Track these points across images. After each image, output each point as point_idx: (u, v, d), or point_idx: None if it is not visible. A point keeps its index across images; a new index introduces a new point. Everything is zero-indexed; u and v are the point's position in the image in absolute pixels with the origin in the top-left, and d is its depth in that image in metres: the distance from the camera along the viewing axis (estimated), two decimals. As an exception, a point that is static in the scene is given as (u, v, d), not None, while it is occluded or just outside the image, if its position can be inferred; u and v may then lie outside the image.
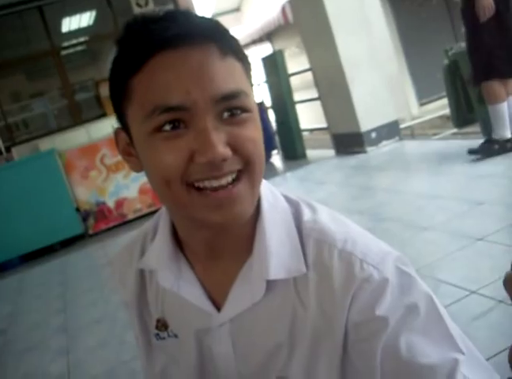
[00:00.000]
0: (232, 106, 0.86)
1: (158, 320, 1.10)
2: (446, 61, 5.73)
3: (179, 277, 1.04)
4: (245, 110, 0.88)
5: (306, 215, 1.01)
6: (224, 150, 0.84)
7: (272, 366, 1.00)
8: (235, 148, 0.86)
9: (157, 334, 1.10)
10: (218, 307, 1.02)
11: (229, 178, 0.87)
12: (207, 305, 1.02)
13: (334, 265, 0.93)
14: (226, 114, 0.86)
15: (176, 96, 0.84)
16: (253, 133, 0.89)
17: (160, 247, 1.05)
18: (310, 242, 0.97)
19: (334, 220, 1.01)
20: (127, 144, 0.98)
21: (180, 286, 1.03)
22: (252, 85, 0.94)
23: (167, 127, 0.85)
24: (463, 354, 0.88)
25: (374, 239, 0.99)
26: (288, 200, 1.05)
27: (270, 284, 0.96)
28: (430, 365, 0.87)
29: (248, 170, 0.89)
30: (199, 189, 0.87)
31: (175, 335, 1.08)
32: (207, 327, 1.04)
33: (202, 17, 0.91)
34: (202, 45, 0.85)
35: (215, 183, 0.87)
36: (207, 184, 0.87)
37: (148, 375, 1.16)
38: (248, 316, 1.00)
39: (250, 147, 0.88)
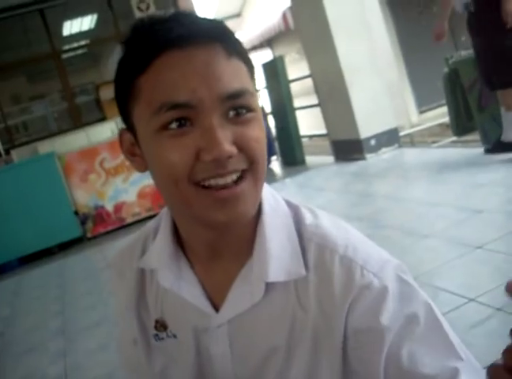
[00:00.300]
0: (238, 105, 0.88)
1: (157, 321, 1.10)
2: (446, 70, 5.74)
3: (179, 277, 1.04)
4: (250, 109, 0.89)
5: (308, 219, 1.02)
6: (229, 148, 0.85)
7: (269, 369, 1.01)
8: (241, 146, 0.88)
9: (156, 335, 1.10)
10: (217, 308, 1.03)
11: (234, 177, 0.88)
12: (206, 306, 1.03)
13: (335, 270, 0.94)
14: (231, 113, 0.88)
15: (183, 94, 0.85)
16: (257, 132, 0.90)
17: (161, 247, 1.06)
18: (312, 246, 0.98)
19: (335, 226, 1.02)
20: (131, 145, 0.99)
21: (180, 285, 1.04)
22: (255, 87, 0.95)
23: (174, 125, 0.87)
24: (462, 360, 0.89)
25: (374, 246, 1.00)
26: (289, 204, 1.06)
27: (270, 286, 0.97)
28: (431, 376, 0.87)
29: (252, 169, 0.90)
30: (205, 187, 0.88)
31: (174, 336, 1.08)
32: (205, 327, 1.04)
33: (208, 19, 0.92)
34: (207, 45, 0.87)
35: (220, 181, 0.88)
36: (212, 182, 0.88)
37: (147, 376, 1.15)
38: (247, 317, 1.00)
39: (254, 146, 0.89)
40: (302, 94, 9.08)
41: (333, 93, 7.06)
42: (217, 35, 0.89)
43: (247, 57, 0.94)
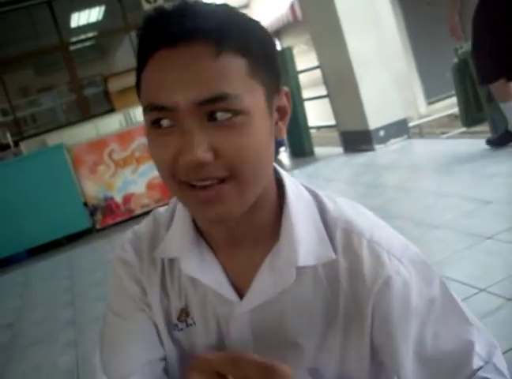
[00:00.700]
0: (219, 109, 0.84)
1: (181, 310, 1.08)
2: (455, 60, 5.72)
3: (202, 264, 1.03)
4: (236, 112, 0.85)
5: (330, 205, 1.03)
6: (202, 155, 0.84)
7: (295, 357, 1.00)
8: (218, 154, 0.85)
9: (176, 325, 1.09)
10: (240, 294, 1.02)
11: (209, 182, 0.87)
12: (230, 293, 1.02)
13: (364, 254, 0.96)
14: (214, 117, 0.85)
15: (162, 97, 0.86)
16: (241, 139, 0.86)
17: (181, 234, 1.05)
18: (338, 230, 0.99)
19: (354, 211, 1.04)
20: None
21: (203, 273, 1.03)
22: (266, 82, 0.90)
23: (160, 123, 0.87)
24: (472, 325, 0.97)
25: (392, 230, 1.03)
26: (309, 191, 1.07)
27: (299, 271, 0.97)
28: (451, 351, 0.94)
29: (234, 177, 0.87)
30: (190, 185, 0.88)
31: (195, 323, 1.07)
32: (228, 314, 1.03)
33: (212, 11, 0.88)
34: (194, 43, 0.84)
35: (199, 183, 0.87)
36: (193, 182, 0.88)
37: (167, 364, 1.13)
38: (273, 304, 1.00)
39: (233, 155, 0.85)
40: (310, 85, 9.06)
41: (342, 84, 7.04)
42: (211, 30, 0.84)
43: (253, 50, 0.88)
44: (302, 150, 7.96)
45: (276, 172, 1.05)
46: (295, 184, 1.05)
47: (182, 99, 0.84)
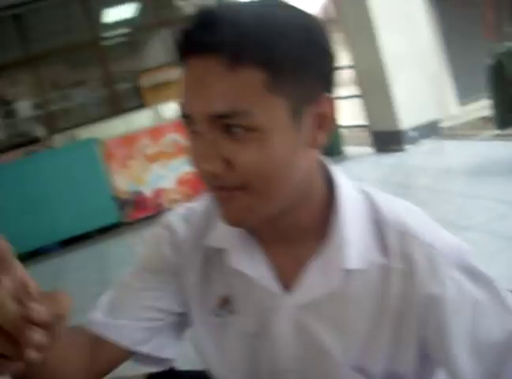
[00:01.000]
0: (233, 124, 0.84)
1: (222, 298, 1.08)
2: (489, 61, 5.66)
3: (249, 257, 1.03)
4: (248, 129, 0.84)
5: (384, 206, 1.01)
6: (214, 166, 0.86)
7: (338, 355, 1.00)
8: (232, 166, 0.86)
9: (214, 310, 1.09)
10: (286, 289, 1.02)
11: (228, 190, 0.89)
12: (275, 288, 1.02)
13: (418, 258, 0.95)
14: (229, 130, 0.85)
15: (184, 105, 0.88)
16: (255, 154, 0.85)
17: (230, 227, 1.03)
18: (392, 233, 0.97)
19: (408, 211, 1.02)
20: None
21: (249, 266, 1.03)
22: (294, 94, 0.87)
23: (192, 128, 0.90)
24: None
25: (444, 231, 1.01)
26: (360, 189, 1.05)
27: (348, 274, 0.96)
28: (498, 342, 0.93)
29: (245, 188, 0.88)
30: None
31: (236, 312, 1.07)
32: (271, 308, 1.03)
33: (238, 19, 0.84)
34: (210, 56, 0.83)
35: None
36: None
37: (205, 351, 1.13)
38: (319, 304, 0.99)
39: (247, 169, 0.86)
40: (339, 85, 9.03)
41: (374, 84, 7.01)
42: (224, 44, 0.82)
43: (278, 61, 0.84)
44: (331, 149, 7.92)
45: (327, 170, 1.05)
46: (347, 183, 1.04)
47: (197, 111, 0.86)
